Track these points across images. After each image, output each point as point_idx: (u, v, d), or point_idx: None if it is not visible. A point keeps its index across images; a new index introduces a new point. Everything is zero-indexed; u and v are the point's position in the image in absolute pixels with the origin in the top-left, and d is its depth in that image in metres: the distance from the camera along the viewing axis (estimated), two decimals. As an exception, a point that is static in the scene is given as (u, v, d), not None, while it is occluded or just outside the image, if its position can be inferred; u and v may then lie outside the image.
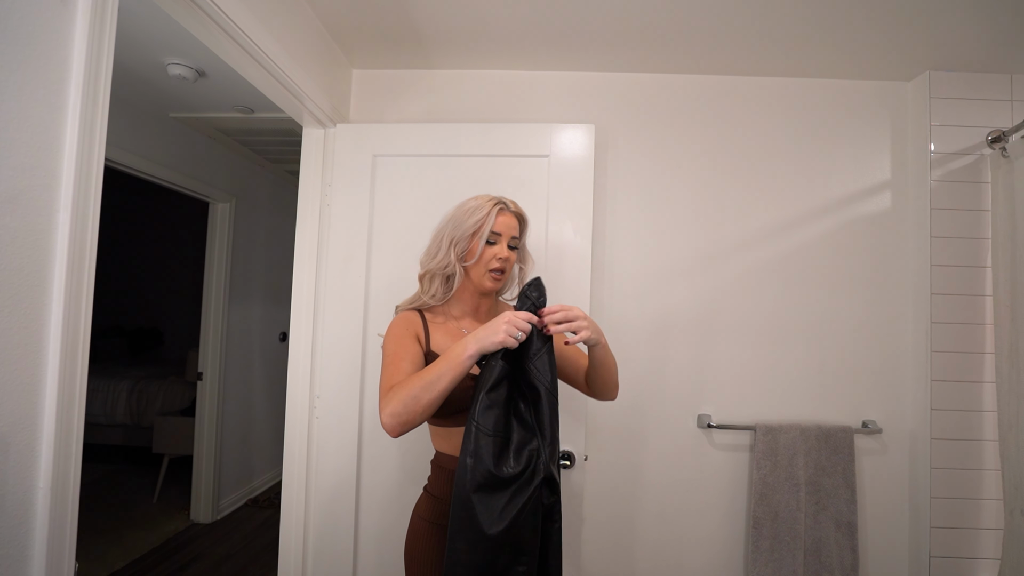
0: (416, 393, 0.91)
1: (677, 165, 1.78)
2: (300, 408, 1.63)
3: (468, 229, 1.06)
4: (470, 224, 1.05)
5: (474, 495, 0.87)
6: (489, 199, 1.08)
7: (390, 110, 1.83)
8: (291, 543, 1.61)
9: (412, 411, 0.91)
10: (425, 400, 0.91)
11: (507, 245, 1.08)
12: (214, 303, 2.92)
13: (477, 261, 1.07)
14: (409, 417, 0.91)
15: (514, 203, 1.12)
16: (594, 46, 1.65)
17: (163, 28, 1.59)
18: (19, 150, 0.72)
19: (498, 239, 1.07)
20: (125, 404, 3.53)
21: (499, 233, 1.07)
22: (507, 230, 1.08)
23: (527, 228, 1.15)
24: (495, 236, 1.06)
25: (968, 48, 1.57)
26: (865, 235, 1.75)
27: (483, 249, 1.06)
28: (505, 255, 1.06)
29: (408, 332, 1.06)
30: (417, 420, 0.92)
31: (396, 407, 0.91)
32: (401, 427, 0.92)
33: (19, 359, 0.73)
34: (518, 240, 1.11)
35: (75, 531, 0.82)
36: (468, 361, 0.91)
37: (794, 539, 1.62)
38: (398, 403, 0.91)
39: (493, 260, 1.06)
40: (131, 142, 2.24)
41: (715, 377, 1.74)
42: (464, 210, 1.08)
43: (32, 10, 0.73)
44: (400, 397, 0.92)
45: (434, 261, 1.09)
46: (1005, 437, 1.54)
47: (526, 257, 1.18)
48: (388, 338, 1.06)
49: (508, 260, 1.08)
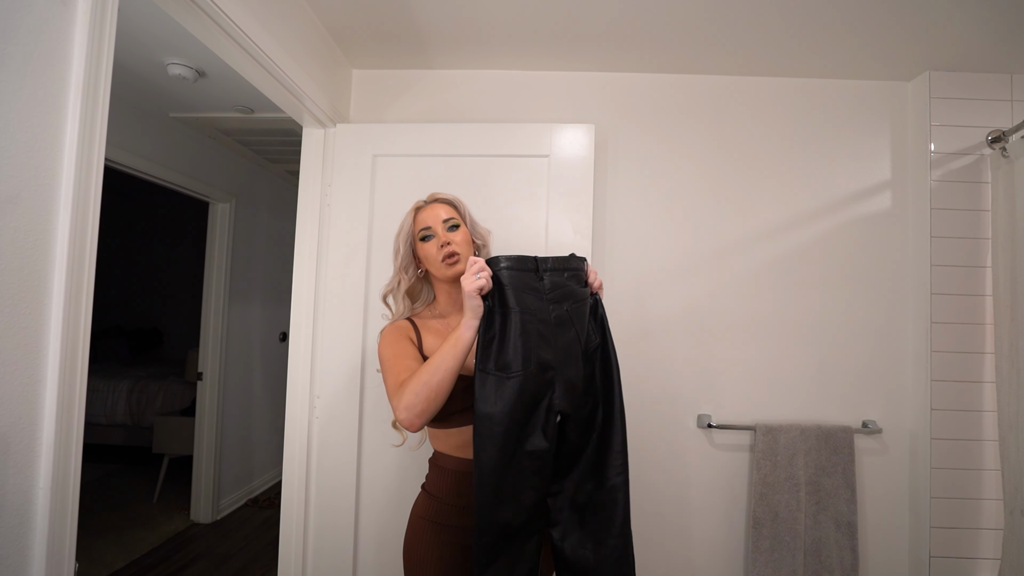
0: (425, 379, 0.92)
1: (677, 165, 1.78)
2: (300, 408, 1.63)
3: (402, 241, 1.13)
4: (401, 236, 1.13)
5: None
6: (410, 208, 1.16)
7: (390, 110, 1.83)
8: (291, 543, 1.61)
9: (425, 398, 0.92)
10: (435, 383, 0.92)
11: (444, 230, 1.10)
12: (214, 303, 2.92)
13: (426, 260, 1.11)
14: (423, 406, 0.92)
15: (436, 193, 1.18)
16: (594, 46, 1.65)
17: (163, 28, 1.59)
18: (19, 150, 0.72)
19: (430, 231, 1.10)
20: (125, 404, 3.53)
21: (428, 226, 1.11)
22: (435, 219, 1.11)
23: (463, 206, 1.17)
24: (425, 231, 1.11)
25: (968, 48, 1.57)
26: (865, 235, 1.75)
27: (423, 247, 1.11)
28: (445, 239, 1.09)
29: (402, 336, 1.08)
30: (431, 407, 0.93)
31: (408, 399, 0.92)
32: (418, 418, 0.92)
33: (19, 359, 0.73)
34: (456, 220, 1.13)
35: (75, 531, 0.82)
36: (467, 331, 0.94)
37: (794, 539, 1.62)
38: (409, 395, 0.92)
39: (438, 249, 1.09)
40: (131, 142, 2.24)
41: (715, 377, 1.74)
42: (396, 231, 1.16)
43: (32, 10, 0.73)
44: (410, 388, 0.93)
45: (390, 281, 1.17)
46: (1005, 437, 1.54)
47: (479, 232, 1.20)
48: (383, 346, 1.07)
49: (453, 242, 1.09)
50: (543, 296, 0.99)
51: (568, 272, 1.04)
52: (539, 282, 1.00)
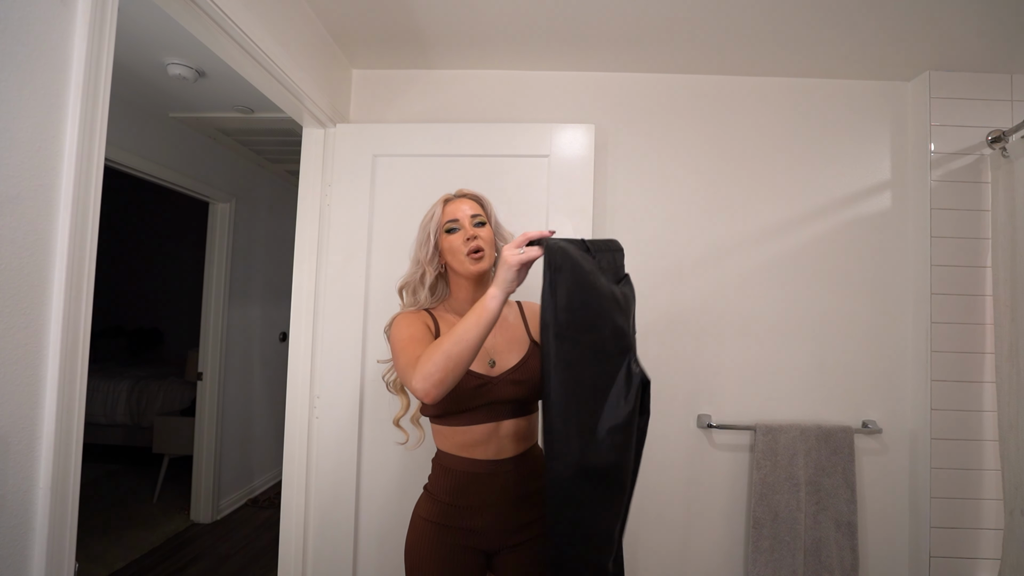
0: (446, 348, 0.88)
1: (677, 165, 1.78)
2: (300, 408, 1.63)
3: (428, 232, 1.11)
4: (428, 227, 1.12)
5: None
6: (437, 200, 1.15)
7: (390, 110, 1.83)
8: (291, 543, 1.61)
9: (443, 367, 0.87)
10: (456, 353, 0.87)
11: (471, 224, 1.10)
12: (214, 303, 2.92)
13: (450, 252, 1.10)
14: (441, 375, 0.87)
15: (464, 189, 1.17)
16: (594, 46, 1.65)
17: (163, 28, 1.59)
18: (19, 150, 0.72)
19: (457, 224, 1.10)
20: (125, 404, 3.53)
21: (455, 219, 1.10)
22: (462, 214, 1.10)
23: (489, 205, 1.17)
24: (453, 223, 1.10)
25: (968, 48, 1.57)
26: (865, 235, 1.75)
27: (447, 239, 1.10)
28: (472, 233, 1.08)
29: (419, 320, 1.07)
30: (451, 377, 0.88)
31: (427, 367, 0.88)
32: (435, 387, 0.88)
33: (19, 359, 0.73)
34: (482, 217, 1.12)
35: (75, 531, 0.82)
36: (493, 303, 0.88)
37: (794, 539, 1.62)
38: (428, 363, 0.88)
39: (464, 243, 1.08)
40: (131, 142, 2.24)
41: (715, 377, 1.74)
42: (422, 221, 1.14)
43: (32, 10, 0.73)
44: (430, 357, 0.89)
45: (409, 273, 1.15)
46: (1005, 437, 1.54)
47: (503, 234, 1.19)
48: (398, 327, 1.04)
49: (479, 237, 1.09)
50: (602, 270, 0.94)
51: (615, 252, 1.01)
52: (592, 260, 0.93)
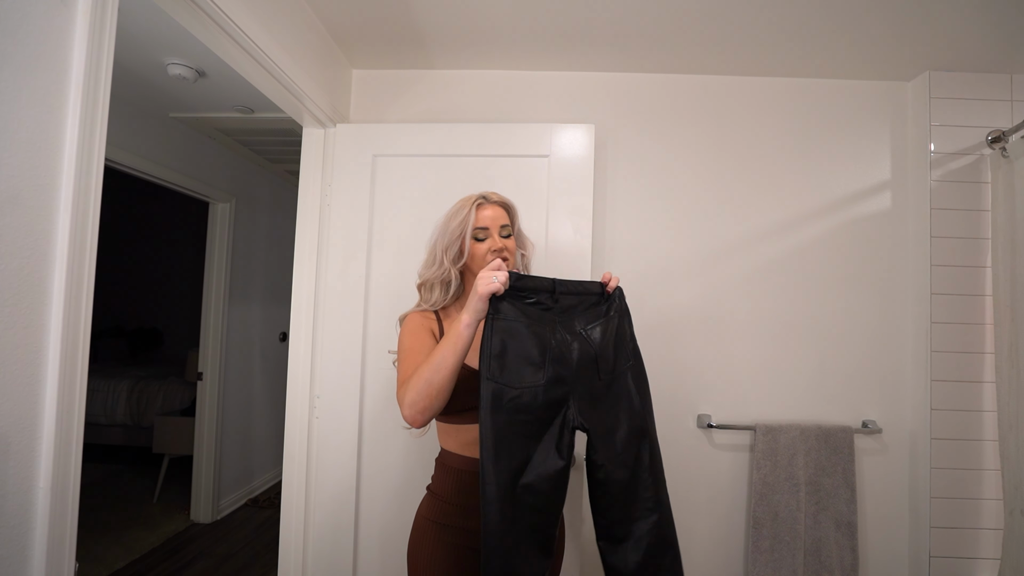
0: (427, 377, 0.92)
1: (677, 165, 1.78)
2: (300, 408, 1.63)
3: (455, 232, 1.08)
4: (455, 227, 1.08)
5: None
6: (469, 198, 1.10)
7: (390, 110, 1.83)
8: (291, 543, 1.61)
9: (427, 395, 0.92)
10: (437, 382, 0.91)
11: (499, 235, 1.09)
12: (214, 303, 2.92)
13: (473, 259, 1.08)
14: (425, 403, 0.92)
15: (495, 194, 1.13)
16: (594, 46, 1.65)
17: (163, 28, 1.59)
18: (19, 150, 0.72)
19: (486, 233, 1.08)
20: (125, 404, 3.53)
21: (485, 227, 1.08)
22: (493, 222, 1.09)
23: (516, 214, 1.16)
24: (482, 231, 1.08)
25: (968, 48, 1.57)
26: (865, 235, 1.75)
27: (474, 246, 1.08)
28: (499, 245, 1.07)
29: (424, 327, 1.07)
30: (434, 404, 0.93)
31: (411, 396, 0.92)
32: (421, 415, 0.93)
33: (19, 359, 0.73)
34: (509, 228, 1.12)
35: (75, 531, 0.82)
36: (466, 331, 0.91)
37: (794, 539, 1.62)
38: (412, 392, 0.92)
39: (488, 253, 1.07)
40: (131, 142, 2.24)
41: (715, 377, 1.74)
42: (449, 215, 1.10)
43: (32, 10, 0.73)
44: (413, 386, 0.93)
45: (431, 271, 1.11)
46: (1005, 437, 1.54)
47: (525, 243, 1.19)
48: (404, 333, 1.06)
49: (504, 249, 1.08)
50: (553, 312, 0.97)
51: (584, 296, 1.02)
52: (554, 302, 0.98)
